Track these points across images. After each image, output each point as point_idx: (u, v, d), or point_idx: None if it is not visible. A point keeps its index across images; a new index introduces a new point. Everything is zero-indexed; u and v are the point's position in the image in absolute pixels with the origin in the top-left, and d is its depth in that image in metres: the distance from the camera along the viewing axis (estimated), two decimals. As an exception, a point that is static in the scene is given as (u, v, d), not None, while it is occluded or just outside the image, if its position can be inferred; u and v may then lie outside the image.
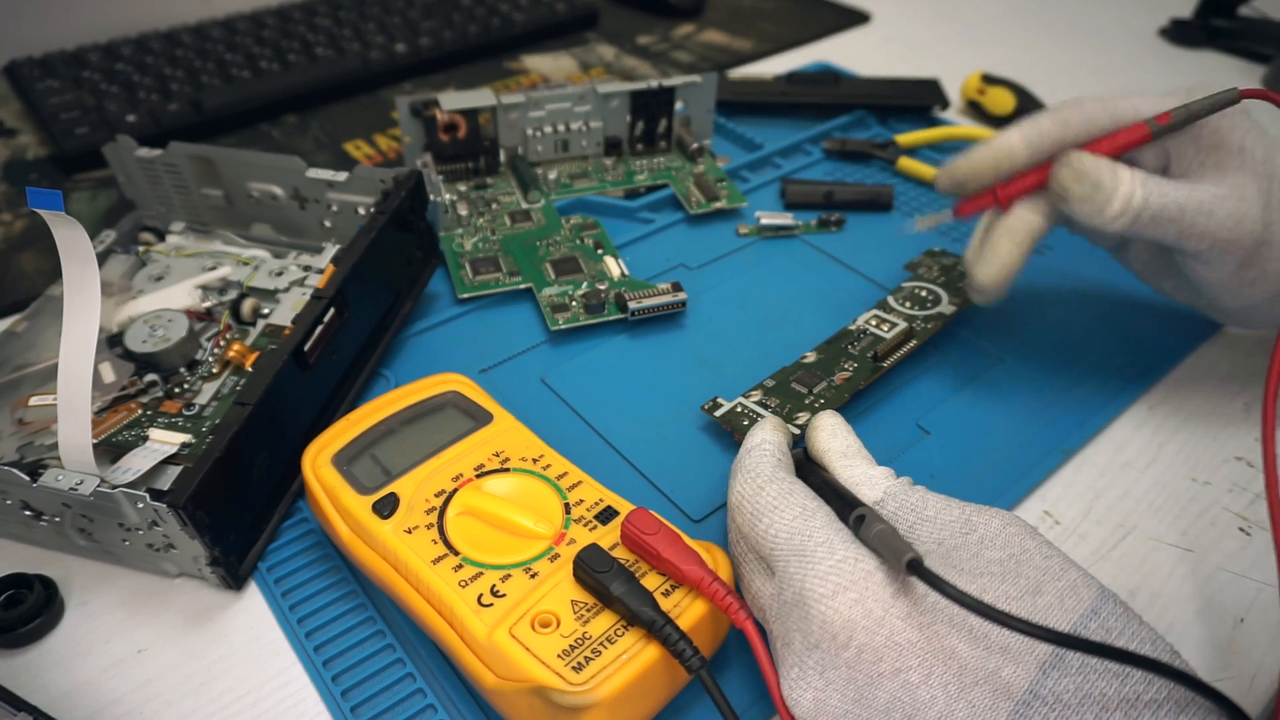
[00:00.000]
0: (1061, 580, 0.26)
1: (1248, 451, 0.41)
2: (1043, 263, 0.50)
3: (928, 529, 0.29)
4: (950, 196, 0.40)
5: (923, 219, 0.41)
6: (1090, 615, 0.25)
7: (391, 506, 0.31)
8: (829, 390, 0.39)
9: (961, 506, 0.29)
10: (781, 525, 0.28)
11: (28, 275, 0.50)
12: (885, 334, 0.42)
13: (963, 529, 0.28)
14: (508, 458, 0.34)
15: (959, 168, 0.38)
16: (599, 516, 0.32)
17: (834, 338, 0.42)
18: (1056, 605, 0.26)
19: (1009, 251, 0.37)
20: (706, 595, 0.28)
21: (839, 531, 0.28)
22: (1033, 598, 0.26)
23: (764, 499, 0.29)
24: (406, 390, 0.36)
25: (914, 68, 0.73)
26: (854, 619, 0.25)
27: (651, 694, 0.28)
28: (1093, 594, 0.26)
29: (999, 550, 0.27)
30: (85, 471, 0.32)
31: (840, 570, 0.26)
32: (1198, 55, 0.77)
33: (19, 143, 0.61)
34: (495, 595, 0.29)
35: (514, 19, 0.75)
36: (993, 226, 0.39)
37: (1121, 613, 0.26)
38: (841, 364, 0.40)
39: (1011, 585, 0.26)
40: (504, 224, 0.51)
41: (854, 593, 0.26)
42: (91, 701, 0.31)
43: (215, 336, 0.42)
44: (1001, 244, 0.37)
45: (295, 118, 0.65)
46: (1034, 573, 0.26)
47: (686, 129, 0.57)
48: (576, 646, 0.27)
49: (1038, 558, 0.27)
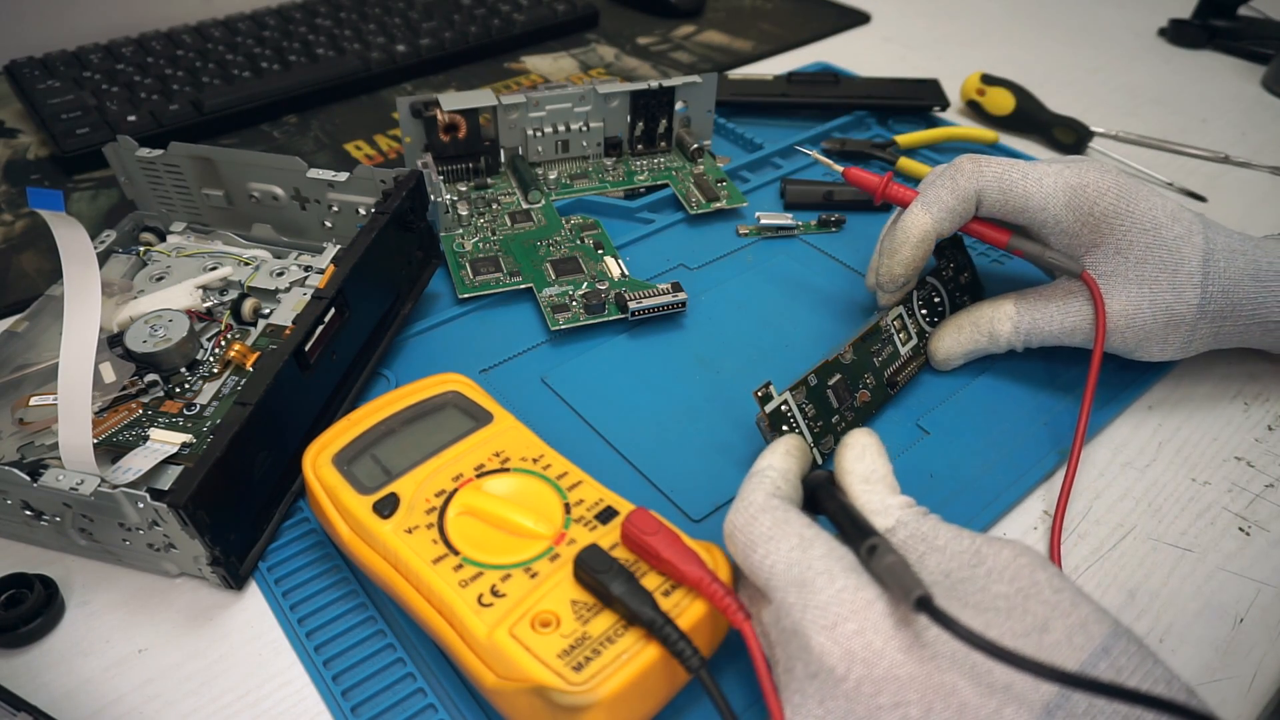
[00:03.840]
0: (1071, 617, 0.25)
1: (1248, 451, 0.41)
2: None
3: (936, 559, 0.28)
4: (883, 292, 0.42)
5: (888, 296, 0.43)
6: (1101, 654, 0.24)
7: (392, 506, 0.31)
8: (850, 411, 0.39)
9: (972, 537, 0.28)
10: (779, 556, 0.27)
11: (28, 275, 0.50)
12: (902, 345, 0.42)
13: (971, 560, 0.27)
14: (508, 458, 0.34)
15: (895, 272, 0.41)
16: (599, 516, 0.32)
17: (867, 334, 0.40)
18: (1065, 643, 0.25)
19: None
20: (705, 595, 0.28)
21: (840, 560, 0.27)
22: (1040, 635, 0.25)
23: (757, 529, 0.28)
24: (407, 390, 0.36)
25: (914, 68, 0.73)
26: (853, 650, 0.25)
27: (651, 694, 0.28)
28: (1104, 631, 0.25)
29: (1007, 584, 0.26)
30: (86, 471, 0.32)
31: (841, 600, 0.26)
32: (1197, 55, 0.77)
33: (19, 143, 0.61)
34: (495, 595, 0.29)
35: (514, 19, 0.75)
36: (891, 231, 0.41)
37: (1135, 651, 0.25)
38: (864, 378, 0.40)
39: (1018, 622, 0.25)
40: (504, 224, 0.51)
41: (854, 624, 0.25)
42: (91, 701, 0.31)
43: (216, 336, 0.42)
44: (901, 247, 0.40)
45: (296, 118, 0.65)
46: (1042, 608, 0.25)
47: (686, 129, 0.57)
48: (576, 646, 0.27)
49: (1047, 592, 0.26)
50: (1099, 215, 0.39)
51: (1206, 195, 0.58)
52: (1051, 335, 0.40)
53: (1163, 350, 0.40)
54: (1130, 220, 0.38)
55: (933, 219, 0.39)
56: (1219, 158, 0.62)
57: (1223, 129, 0.66)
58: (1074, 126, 0.62)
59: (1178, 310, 0.38)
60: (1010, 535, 0.37)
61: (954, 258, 0.45)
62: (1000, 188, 0.39)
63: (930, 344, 0.43)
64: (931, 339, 0.43)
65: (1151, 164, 0.61)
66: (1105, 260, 0.39)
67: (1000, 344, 0.41)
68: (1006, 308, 0.41)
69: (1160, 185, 0.59)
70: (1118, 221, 0.38)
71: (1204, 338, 0.40)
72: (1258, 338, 0.40)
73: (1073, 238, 0.39)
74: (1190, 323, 0.39)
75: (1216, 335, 0.40)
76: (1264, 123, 0.67)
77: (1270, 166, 0.62)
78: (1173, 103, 0.70)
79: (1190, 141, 0.64)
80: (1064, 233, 0.39)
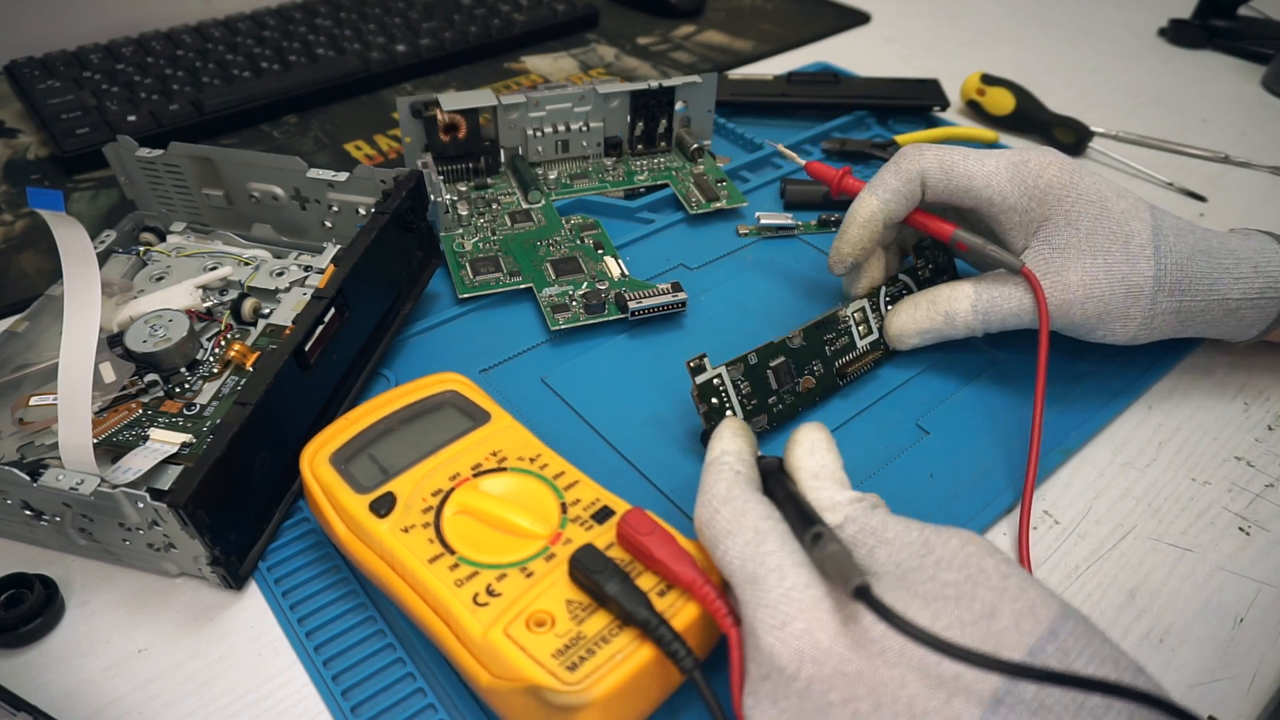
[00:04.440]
0: (1019, 602, 0.25)
1: (1248, 451, 0.41)
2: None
3: (886, 551, 0.28)
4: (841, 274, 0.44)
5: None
6: (1049, 637, 0.25)
7: (389, 505, 0.31)
8: (790, 395, 0.39)
9: (921, 528, 0.28)
10: (735, 551, 0.28)
11: (28, 275, 0.50)
12: (860, 338, 0.42)
13: (921, 550, 0.27)
14: (505, 457, 0.34)
15: (843, 250, 0.42)
16: (595, 516, 0.32)
17: (822, 321, 0.41)
18: (1013, 629, 0.25)
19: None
20: (697, 598, 0.28)
21: (791, 554, 0.27)
22: (988, 621, 0.25)
23: (719, 523, 0.28)
24: (404, 389, 0.36)
25: (914, 68, 0.73)
26: (802, 650, 0.25)
27: (645, 694, 0.28)
28: (1051, 614, 0.25)
29: (955, 572, 0.26)
30: (85, 471, 0.32)
31: (790, 599, 0.26)
32: (1197, 55, 0.77)
33: (19, 143, 0.61)
34: (491, 594, 0.29)
35: (514, 19, 0.75)
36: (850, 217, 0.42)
37: (1082, 632, 0.25)
38: (812, 364, 0.40)
39: (966, 610, 0.25)
40: (504, 224, 0.51)
41: (801, 623, 0.25)
42: (91, 701, 0.31)
43: (216, 336, 0.42)
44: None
45: (296, 118, 0.65)
46: (990, 594, 0.26)
47: (686, 129, 0.57)
48: (571, 646, 0.27)
49: (995, 578, 0.26)
50: (1044, 188, 0.39)
51: (1206, 195, 0.58)
52: (1011, 315, 0.40)
53: (1125, 326, 0.39)
54: (1076, 193, 0.39)
55: (878, 200, 0.41)
56: (1219, 158, 0.62)
57: (1223, 129, 0.66)
58: (1074, 126, 0.62)
59: (1134, 281, 0.39)
60: (1010, 535, 0.37)
61: (934, 259, 0.45)
62: (941, 168, 0.40)
63: (886, 320, 0.43)
64: (888, 316, 0.43)
65: (1151, 164, 0.61)
66: (1058, 233, 0.39)
67: (957, 325, 0.41)
68: (964, 288, 0.41)
69: (1160, 185, 0.59)
70: (1064, 193, 0.39)
71: (1166, 315, 0.39)
72: (1220, 320, 0.40)
73: (1022, 214, 0.40)
74: (1149, 294, 0.39)
75: (1179, 314, 0.40)
76: (1264, 123, 0.67)
77: (1270, 166, 0.62)
78: (1173, 103, 0.70)
79: (1190, 141, 0.64)
80: (1012, 209, 0.40)
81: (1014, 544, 0.36)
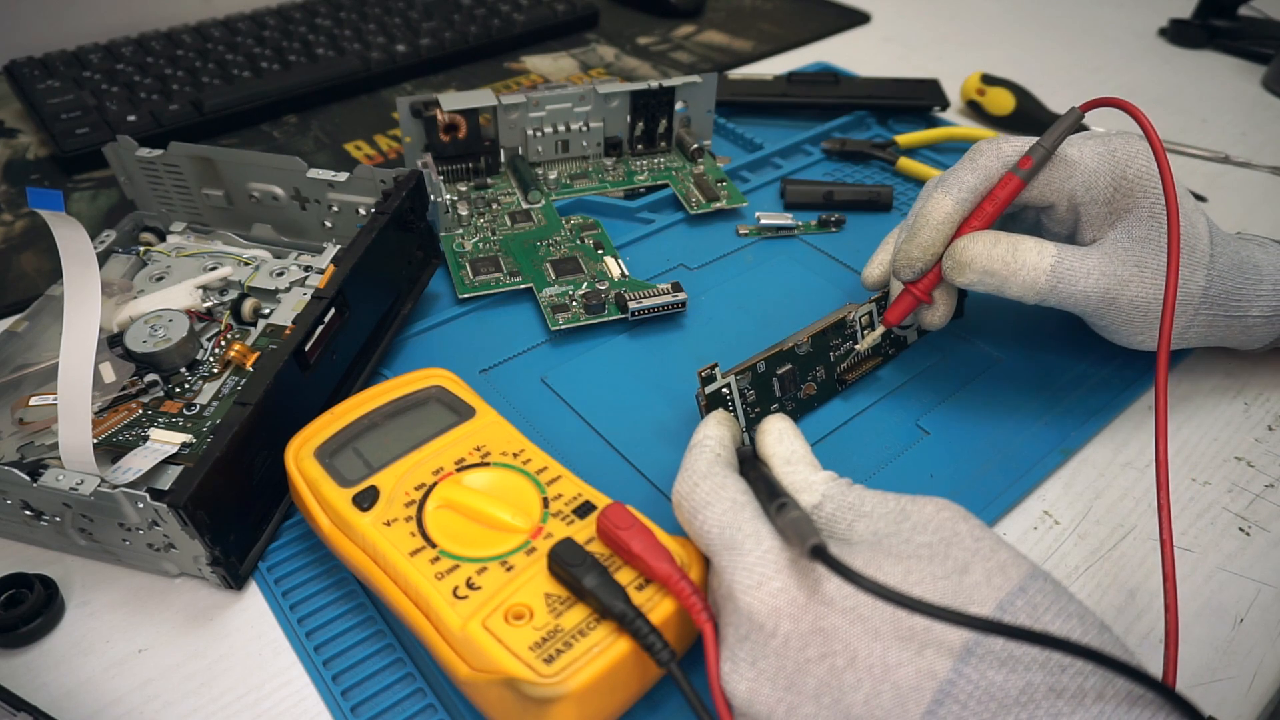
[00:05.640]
0: (991, 560, 0.26)
1: (1248, 452, 0.41)
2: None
3: (865, 524, 0.29)
4: (875, 290, 0.42)
5: (862, 342, 0.41)
6: (1018, 592, 0.25)
7: (371, 499, 0.32)
8: (791, 402, 0.40)
9: (897, 498, 0.29)
10: (713, 520, 0.29)
11: (28, 275, 0.50)
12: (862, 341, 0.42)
13: (897, 518, 0.28)
14: (488, 452, 0.34)
15: (912, 255, 0.38)
16: (577, 511, 0.32)
17: (830, 328, 0.40)
18: (984, 583, 0.26)
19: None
20: (673, 592, 0.28)
21: (767, 524, 0.28)
22: (960, 576, 0.26)
23: (698, 495, 0.29)
24: (391, 384, 0.36)
25: (914, 68, 0.73)
26: (779, 607, 0.26)
27: (622, 687, 0.28)
28: (1022, 572, 0.26)
29: (930, 534, 0.27)
30: (85, 471, 0.32)
31: (766, 560, 0.27)
32: (1198, 55, 0.77)
33: (19, 143, 0.61)
34: (471, 588, 0.29)
35: (514, 19, 0.75)
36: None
37: (1051, 589, 0.26)
38: (815, 370, 0.40)
39: (939, 566, 0.26)
40: (504, 224, 0.51)
41: (778, 582, 0.26)
42: (91, 701, 0.31)
43: (216, 336, 0.42)
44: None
45: (296, 118, 0.65)
46: (963, 553, 0.27)
47: (686, 129, 0.57)
48: (548, 639, 0.27)
49: (968, 539, 0.27)
50: (1131, 179, 0.37)
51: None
52: (1080, 292, 0.36)
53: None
54: (1161, 188, 0.36)
55: (954, 200, 0.37)
56: (1219, 158, 0.62)
57: (1223, 129, 0.66)
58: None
59: (1188, 290, 0.37)
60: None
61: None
62: (1001, 158, 0.37)
63: (956, 244, 0.37)
64: (960, 240, 0.37)
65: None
66: (1139, 225, 0.37)
67: (1024, 281, 0.36)
68: (1050, 247, 0.36)
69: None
70: (1151, 184, 0.36)
71: (1198, 328, 0.39)
72: (1236, 334, 0.40)
73: (1106, 204, 0.37)
74: (1195, 306, 0.38)
75: (1208, 327, 0.39)
76: (1264, 123, 0.67)
77: (1270, 166, 0.62)
78: (1173, 103, 0.70)
79: (1190, 141, 0.64)
80: (1095, 200, 0.37)
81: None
